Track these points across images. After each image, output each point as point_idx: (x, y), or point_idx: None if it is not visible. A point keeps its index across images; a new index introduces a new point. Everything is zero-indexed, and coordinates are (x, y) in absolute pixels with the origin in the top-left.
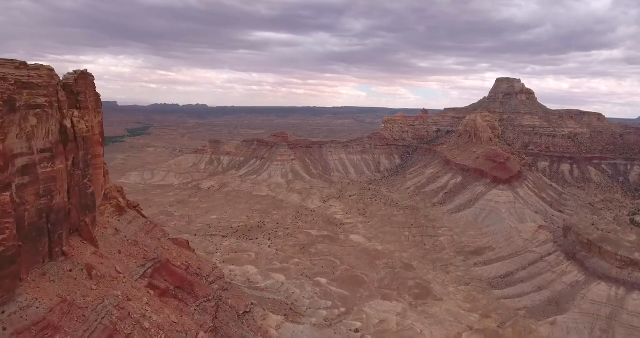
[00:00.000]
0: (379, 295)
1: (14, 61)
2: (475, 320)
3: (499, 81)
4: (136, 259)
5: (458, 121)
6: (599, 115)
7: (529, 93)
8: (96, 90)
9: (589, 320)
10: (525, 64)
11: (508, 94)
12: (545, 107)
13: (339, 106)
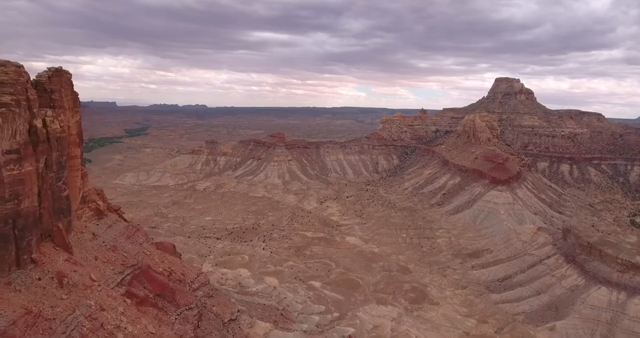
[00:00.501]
0: (374, 299)
1: None
2: (472, 325)
3: (498, 81)
4: (114, 265)
5: (457, 121)
6: (599, 115)
7: (528, 93)
8: (73, 88)
9: (589, 325)
10: (524, 64)
11: (507, 94)
12: (544, 107)
13: (339, 106)
